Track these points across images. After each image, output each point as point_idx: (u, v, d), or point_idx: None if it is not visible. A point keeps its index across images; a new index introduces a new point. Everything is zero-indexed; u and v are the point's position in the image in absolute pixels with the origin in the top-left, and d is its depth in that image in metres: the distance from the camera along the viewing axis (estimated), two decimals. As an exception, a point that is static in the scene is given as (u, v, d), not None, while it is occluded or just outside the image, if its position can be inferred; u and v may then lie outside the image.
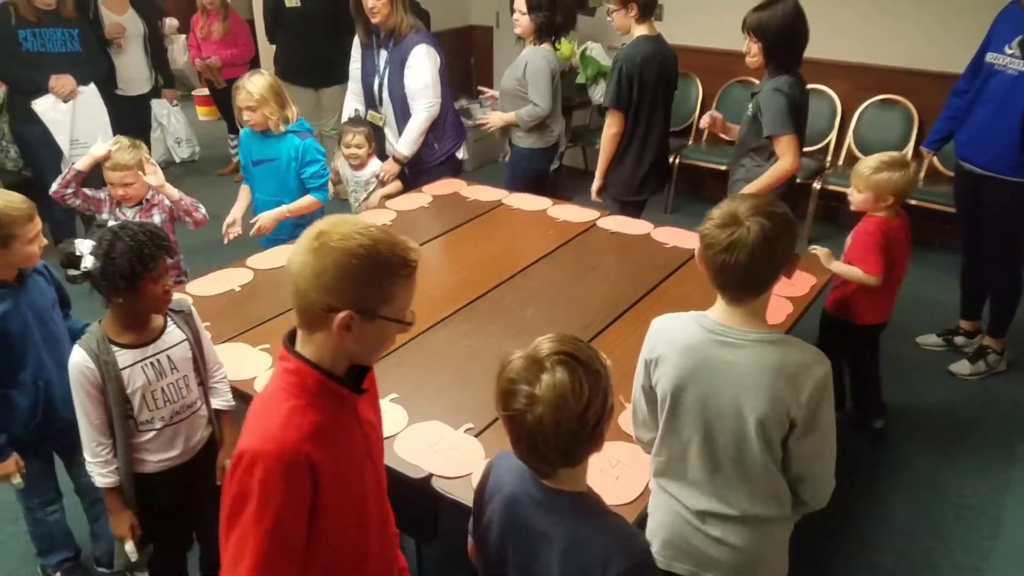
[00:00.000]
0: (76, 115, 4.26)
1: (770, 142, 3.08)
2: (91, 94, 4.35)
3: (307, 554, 1.32)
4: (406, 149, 3.88)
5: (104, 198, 3.01)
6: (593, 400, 1.26)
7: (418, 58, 3.74)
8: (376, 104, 4.00)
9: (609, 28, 3.82)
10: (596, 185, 3.83)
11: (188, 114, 6.20)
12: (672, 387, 1.64)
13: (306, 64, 5.09)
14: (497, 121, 4.09)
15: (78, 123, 4.26)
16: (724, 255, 1.52)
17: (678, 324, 1.68)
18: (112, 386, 1.92)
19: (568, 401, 1.24)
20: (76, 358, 1.91)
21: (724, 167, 4.13)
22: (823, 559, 2.69)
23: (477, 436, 2.06)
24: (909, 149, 4.74)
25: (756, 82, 3.75)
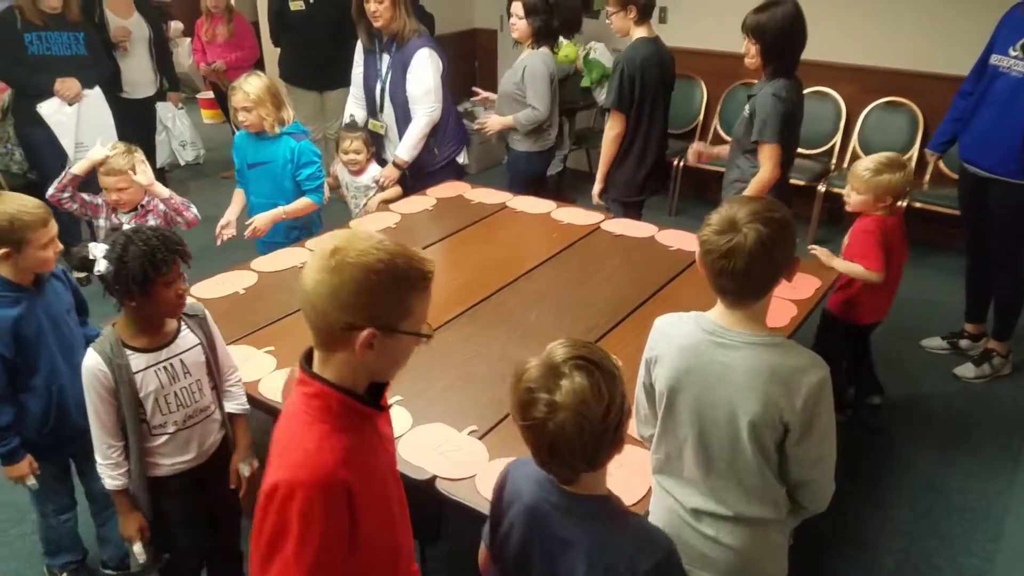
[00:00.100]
0: (81, 118, 4.26)
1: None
2: (96, 97, 4.35)
3: None
4: (406, 154, 3.87)
5: (101, 203, 2.99)
6: (613, 402, 1.26)
7: (420, 62, 3.75)
8: (377, 109, 3.99)
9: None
10: (597, 188, 3.83)
11: (193, 117, 6.22)
12: (668, 386, 1.66)
13: (310, 67, 5.09)
14: (495, 125, 4.08)
15: (83, 126, 4.25)
16: (722, 261, 1.53)
17: (678, 323, 1.69)
18: (125, 389, 1.92)
19: (590, 406, 1.24)
20: (89, 361, 1.92)
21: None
22: (824, 560, 2.68)
23: (481, 438, 2.06)
24: (914, 152, 4.74)
25: (759, 84, 3.74)
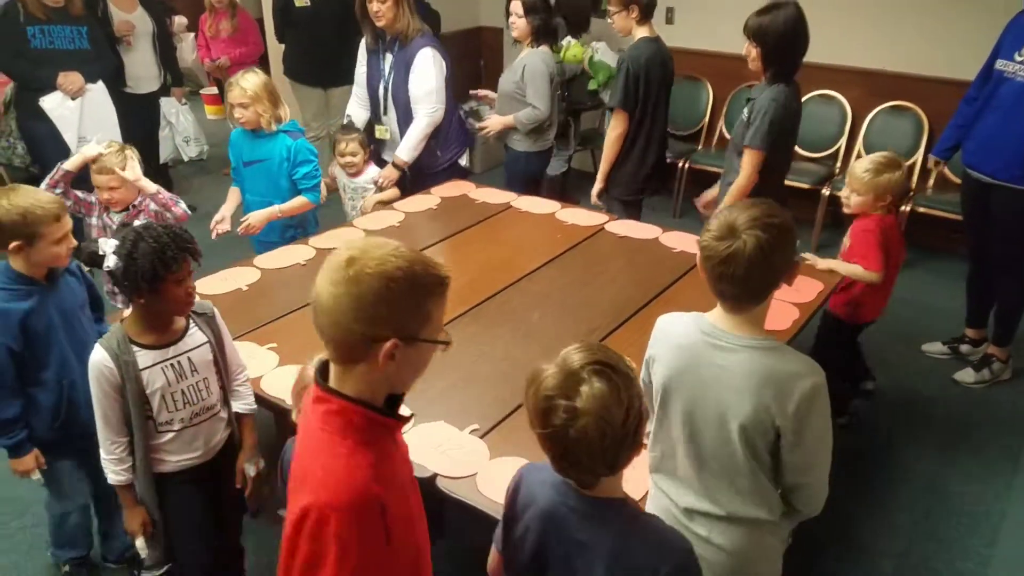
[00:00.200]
0: (84, 113, 4.25)
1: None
2: (99, 92, 4.34)
3: None
4: (406, 155, 3.81)
5: (94, 201, 2.94)
6: (632, 406, 1.27)
7: (423, 62, 3.70)
8: (380, 110, 3.95)
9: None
10: (597, 187, 3.81)
11: (196, 113, 6.20)
12: (663, 384, 1.67)
13: (315, 64, 5.08)
14: (496, 125, 4.07)
15: (86, 120, 4.25)
16: (722, 267, 1.53)
17: (677, 323, 1.71)
18: (131, 386, 1.92)
19: (611, 410, 1.24)
20: (96, 356, 1.91)
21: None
22: (821, 562, 2.68)
23: (482, 437, 2.07)
24: (919, 156, 4.73)
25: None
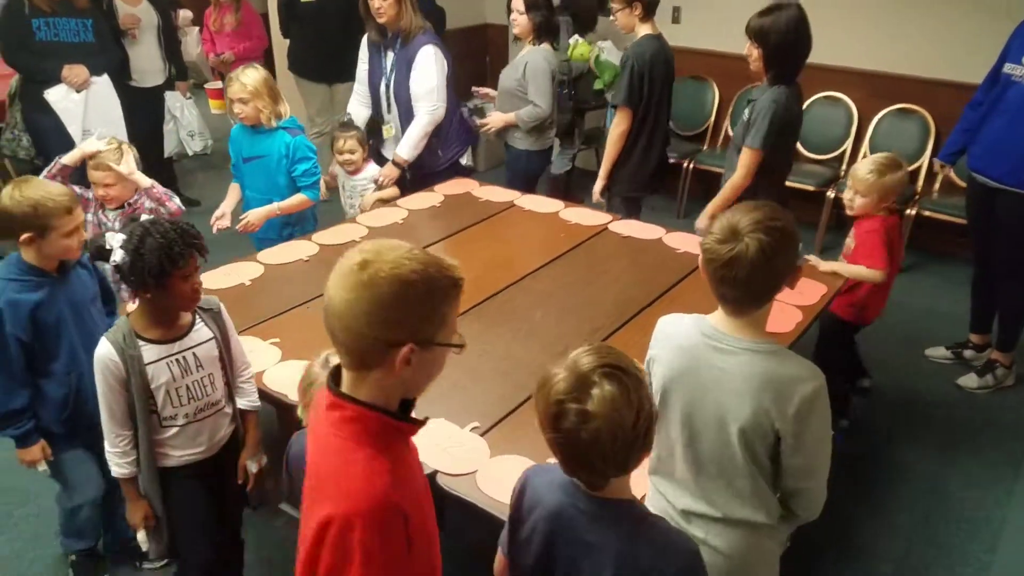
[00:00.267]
0: (88, 105, 4.24)
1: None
2: (104, 85, 4.34)
3: None
4: (406, 153, 3.78)
5: (91, 197, 2.92)
6: (642, 407, 1.27)
7: (425, 59, 3.68)
8: (381, 107, 3.93)
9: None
10: (600, 185, 3.80)
11: (201, 107, 6.20)
12: (662, 386, 1.66)
13: (320, 59, 5.07)
14: (498, 122, 4.06)
15: (90, 113, 4.24)
16: (724, 270, 1.53)
17: (678, 324, 1.70)
18: (136, 380, 1.92)
19: (622, 413, 1.24)
20: (102, 350, 1.92)
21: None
22: (820, 565, 2.67)
23: (483, 435, 2.07)
24: (925, 159, 4.73)
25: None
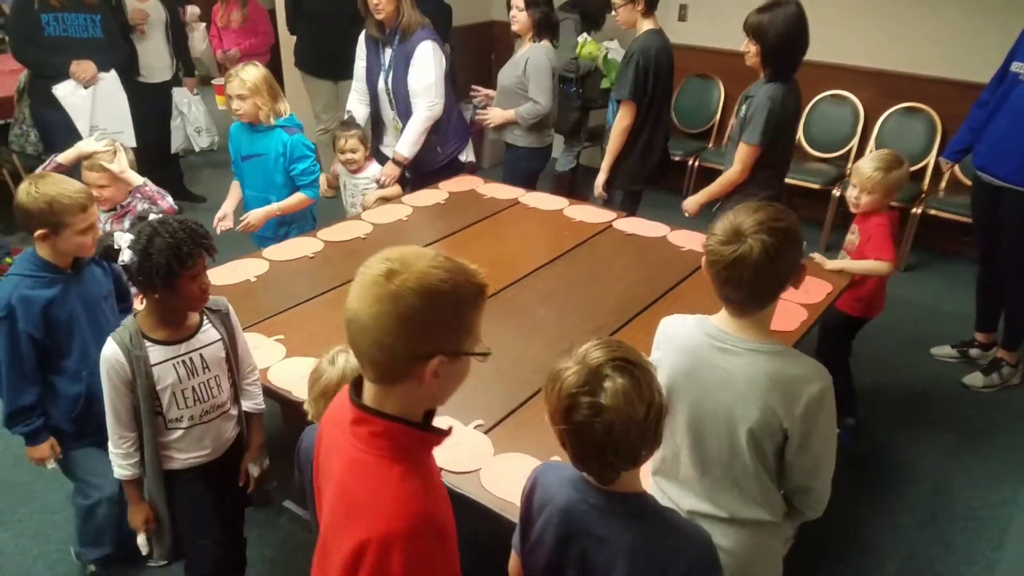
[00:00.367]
0: (96, 101, 4.25)
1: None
2: (112, 81, 4.34)
3: None
4: (406, 150, 3.77)
5: None
6: (653, 400, 1.28)
7: (423, 55, 3.66)
8: (379, 103, 3.91)
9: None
10: (602, 178, 3.79)
11: (208, 103, 6.21)
12: (666, 387, 1.65)
13: (326, 56, 5.06)
14: (497, 118, 4.04)
15: (98, 109, 4.26)
16: (727, 271, 1.53)
17: (682, 325, 1.70)
18: (142, 382, 1.92)
19: (635, 405, 1.25)
20: (108, 350, 1.91)
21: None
22: (824, 562, 2.68)
23: (487, 433, 2.07)
24: (931, 158, 4.72)
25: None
